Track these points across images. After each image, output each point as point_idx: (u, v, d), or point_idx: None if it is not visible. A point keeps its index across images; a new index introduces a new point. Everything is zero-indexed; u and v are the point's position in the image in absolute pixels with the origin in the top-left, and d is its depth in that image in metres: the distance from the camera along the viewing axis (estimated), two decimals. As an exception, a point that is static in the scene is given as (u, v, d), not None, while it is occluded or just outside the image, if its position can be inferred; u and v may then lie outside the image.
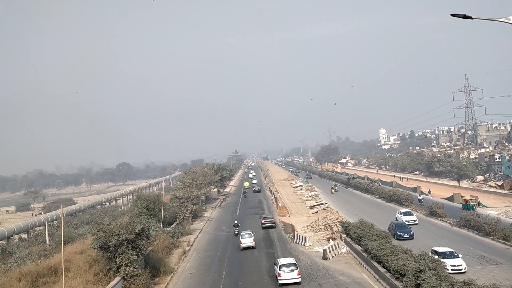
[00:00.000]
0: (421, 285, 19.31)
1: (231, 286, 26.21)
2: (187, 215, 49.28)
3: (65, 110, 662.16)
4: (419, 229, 37.94)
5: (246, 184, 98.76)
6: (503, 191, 62.78)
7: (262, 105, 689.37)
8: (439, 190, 70.22)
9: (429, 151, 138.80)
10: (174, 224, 45.21)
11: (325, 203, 59.69)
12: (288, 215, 53.82)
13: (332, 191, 76.79)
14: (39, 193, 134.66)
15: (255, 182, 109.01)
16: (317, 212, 54.28)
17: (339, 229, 38.45)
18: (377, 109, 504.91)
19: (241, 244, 35.89)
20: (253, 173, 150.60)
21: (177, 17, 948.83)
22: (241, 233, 38.25)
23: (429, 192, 64.04)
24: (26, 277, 24.31)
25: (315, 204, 59.58)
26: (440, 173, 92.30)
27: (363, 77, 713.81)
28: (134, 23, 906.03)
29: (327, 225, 41.99)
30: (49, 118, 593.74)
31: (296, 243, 36.61)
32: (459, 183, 75.88)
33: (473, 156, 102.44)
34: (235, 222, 45.75)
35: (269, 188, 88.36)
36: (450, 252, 26.56)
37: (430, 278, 19.20)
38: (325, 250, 31.31)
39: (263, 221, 46.05)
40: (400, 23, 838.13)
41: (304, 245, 35.24)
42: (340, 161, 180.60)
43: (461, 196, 53.32)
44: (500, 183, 70.83)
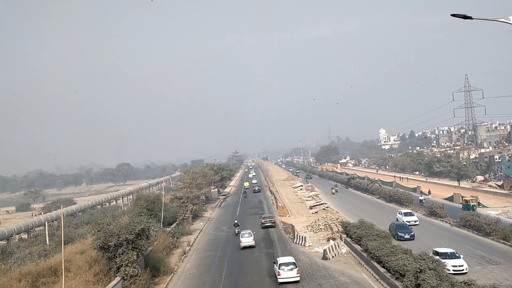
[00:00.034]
0: (421, 285, 19.30)
1: (231, 286, 26.21)
2: (187, 215, 49.30)
3: (65, 110, 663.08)
4: (419, 230, 37.92)
5: (246, 184, 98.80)
6: (503, 191, 62.79)
7: (261, 106, 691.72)
8: (439, 190, 70.21)
9: (429, 151, 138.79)
10: (174, 224, 45.21)
11: (325, 203, 59.72)
12: (288, 215, 53.82)
13: (332, 191, 76.24)
14: (39, 193, 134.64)
15: (255, 182, 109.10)
16: (317, 212, 54.30)
17: (339, 229, 38.46)
18: (377, 109, 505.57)
19: (241, 243, 36.21)
20: (253, 173, 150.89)
21: (176, 17, 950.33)
22: (241, 232, 38.53)
23: (429, 192, 64.04)
24: (26, 277, 24.32)
25: (315, 204, 59.60)
26: (440, 173, 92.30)
27: (363, 77, 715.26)
28: (133, 23, 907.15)
29: (327, 225, 41.98)
30: (49, 118, 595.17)
31: (296, 243, 36.62)
32: (459, 183, 75.88)
33: (473, 156, 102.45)
34: (235, 221, 45.98)
35: (269, 188, 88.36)
36: (451, 252, 26.43)
37: (430, 278, 19.20)
38: (325, 250, 31.31)
39: (263, 220, 46.41)
40: (400, 23, 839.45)
41: (304, 245, 35.25)
42: (340, 161, 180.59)
43: (461, 196, 53.31)
44: (500, 183, 70.84)
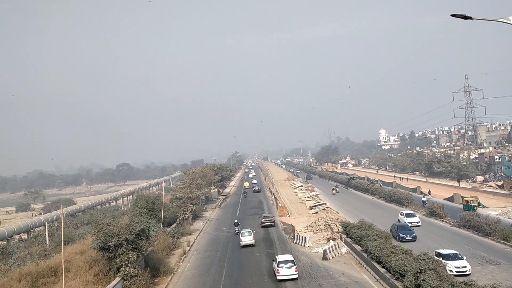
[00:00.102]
0: (421, 285, 19.29)
1: (231, 286, 26.21)
2: (187, 215, 49.31)
3: (65, 110, 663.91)
4: (420, 230, 37.80)
5: (246, 184, 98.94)
6: (503, 192, 62.75)
7: (261, 106, 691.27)
8: (439, 190, 70.17)
9: (429, 151, 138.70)
10: (174, 224, 45.22)
11: (325, 204, 59.68)
12: (288, 215, 53.82)
13: (333, 192, 75.47)
14: (39, 193, 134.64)
15: (255, 182, 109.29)
16: (317, 212, 54.29)
17: (339, 230, 38.45)
18: (377, 109, 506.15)
19: (241, 242, 36.76)
20: (253, 173, 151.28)
21: (175, 17, 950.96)
22: (241, 231, 38.95)
23: (429, 192, 64.01)
24: (26, 277, 24.34)
25: (315, 204, 59.57)
26: (440, 173, 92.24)
27: (363, 77, 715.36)
28: (133, 23, 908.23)
29: (327, 226, 41.98)
30: (49, 118, 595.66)
31: (296, 243, 36.63)
32: (459, 184, 75.84)
33: (473, 156, 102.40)
34: (235, 221, 46.37)
35: (269, 188, 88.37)
36: (454, 254, 26.24)
37: (430, 278, 19.19)
38: (325, 250, 31.30)
39: (262, 220, 46.88)
40: (400, 23, 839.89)
41: (304, 246, 35.26)
42: (340, 162, 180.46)
43: (462, 196, 53.29)
44: (500, 183, 70.77)
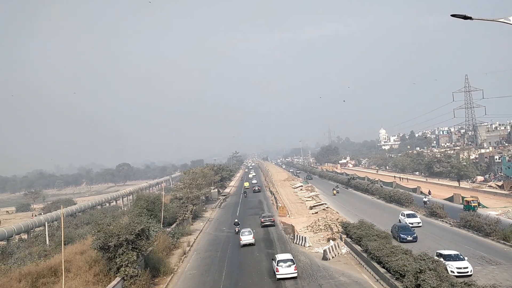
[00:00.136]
0: (421, 285, 19.30)
1: (231, 286, 26.22)
2: (187, 215, 49.31)
3: (65, 110, 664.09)
4: (420, 230, 37.70)
5: (246, 184, 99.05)
6: (503, 192, 62.74)
7: (262, 105, 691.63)
8: (439, 190, 70.16)
9: (429, 151, 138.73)
10: (174, 224, 45.22)
11: (325, 204, 59.68)
12: (288, 215, 53.82)
13: (333, 192, 74.91)
14: (39, 193, 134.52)
15: (255, 182, 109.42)
16: (317, 212, 54.29)
17: (339, 230, 38.44)
18: (377, 109, 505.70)
19: (241, 241, 37.05)
20: (253, 173, 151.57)
21: (177, 17, 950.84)
22: (241, 230, 39.18)
23: (429, 192, 64.00)
24: (26, 277, 24.34)
25: (315, 204, 59.57)
26: (440, 173, 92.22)
27: (364, 77, 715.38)
28: (134, 23, 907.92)
29: (327, 226, 41.98)
30: (49, 118, 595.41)
31: (296, 243, 36.63)
32: (459, 184, 75.84)
33: (473, 156, 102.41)
34: (236, 220, 46.63)
35: (269, 188, 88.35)
36: (455, 254, 26.07)
37: (430, 278, 19.20)
38: (325, 250, 31.30)
39: (262, 219, 47.18)
40: (401, 23, 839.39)
41: (304, 246, 35.26)
42: (340, 162, 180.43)
43: (462, 196, 53.29)
44: (500, 183, 70.75)
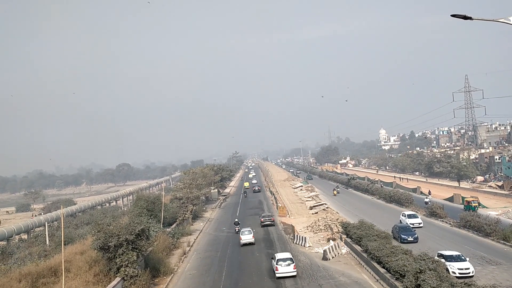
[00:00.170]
0: (421, 285, 19.31)
1: (231, 286, 26.23)
2: (187, 215, 49.32)
3: (65, 110, 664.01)
4: (421, 231, 37.67)
5: (246, 184, 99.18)
6: (503, 192, 62.75)
7: (260, 106, 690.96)
8: (439, 190, 70.16)
9: (429, 151, 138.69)
10: (174, 224, 45.22)
11: (325, 204, 59.69)
12: (288, 215, 53.82)
13: (334, 192, 74.55)
14: (39, 193, 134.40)
15: (255, 182, 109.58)
16: (317, 212, 54.29)
17: (339, 230, 38.45)
18: (377, 109, 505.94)
19: (241, 240, 37.33)
20: (253, 174, 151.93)
21: (175, 17, 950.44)
22: (241, 230, 39.39)
23: (429, 192, 64.02)
24: (26, 277, 24.33)
25: (315, 204, 59.57)
26: (440, 173, 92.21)
27: (363, 77, 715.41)
28: (133, 23, 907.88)
29: (327, 226, 41.99)
30: (49, 118, 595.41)
31: (296, 243, 36.63)
32: (459, 184, 75.84)
33: (473, 156, 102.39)
34: (236, 220, 46.89)
35: (269, 188, 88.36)
36: (457, 255, 25.94)
37: (430, 278, 19.21)
38: (325, 250, 31.30)
39: (262, 219, 47.51)
40: (400, 23, 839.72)
41: (304, 246, 35.25)
42: (340, 162, 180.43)
43: (462, 197, 53.30)
44: (500, 183, 70.76)
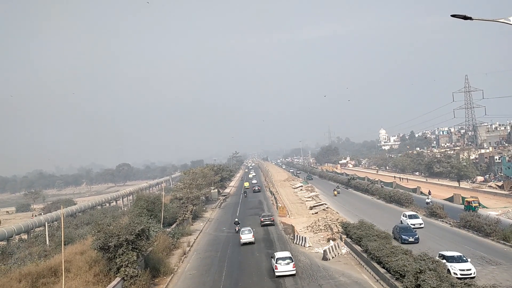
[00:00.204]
0: (421, 285, 19.30)
1: (231, 286, 26.24)
2: (187, 215, 49.33)
3: (65, 110, 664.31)
4: (422, 231, 37.60)
5: (246, 184, 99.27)
6: (503, 192, 62.74)
7: (260, 106, 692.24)
8: (439, 190, 70.15)
9: (429, 151, 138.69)
10: (174, 224, 45.23)
11: (325, 204, 59.70)
12: (288, 215, 53.82)
13: (334, 193, 74.11)
14: (39, 193, 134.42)
15: (255, 182, 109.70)
16: (317, 212, 54.29)
17: (339, 230, 38.45)
18: (377, 109, 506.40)
19: (241, 239, 37.60)
20: (253, 174, 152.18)
21: (175, 17, 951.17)
22: (241, 229, 39.60)
23: (429, 192, 63.95)
24: (26, 277, 24.32)
25: (315, 204, 59.58)
26: (440, 173, 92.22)
27: (363, 77, 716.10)
28: (133, 23, 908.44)
29: (327, 226, 41.99)
30: (49, 118, 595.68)
31: (296, 243, 36.63)
32: (459, 184, 75.83)
33: (473, 156, 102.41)
34: (236, 219, 47.04)
35: (269, 188, 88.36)
36: (458, 256, 25.77)
37: (430, 278, 19.20)
38: (325, 250, 31.30)
39: (262, 219, 47.84)
40: (400, 23, 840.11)
41: (304, 246, 35.25)
42: (340, 162, 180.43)
43: (462, 197, 53.30)
44: (500, 183, 70.76)
